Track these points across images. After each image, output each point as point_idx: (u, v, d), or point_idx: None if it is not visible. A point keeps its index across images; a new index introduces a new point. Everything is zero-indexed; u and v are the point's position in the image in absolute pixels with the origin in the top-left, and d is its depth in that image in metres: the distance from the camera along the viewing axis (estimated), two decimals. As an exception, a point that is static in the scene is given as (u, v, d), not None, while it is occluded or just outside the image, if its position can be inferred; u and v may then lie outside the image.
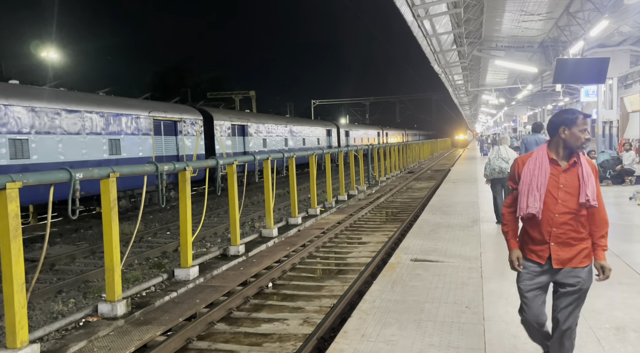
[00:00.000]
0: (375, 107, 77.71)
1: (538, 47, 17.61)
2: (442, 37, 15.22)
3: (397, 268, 6.30)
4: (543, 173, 2.92)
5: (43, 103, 11.74)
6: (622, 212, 9.86)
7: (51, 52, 34.47)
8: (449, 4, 11.92)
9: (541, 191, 2.89)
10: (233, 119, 21.10)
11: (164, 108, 16.47)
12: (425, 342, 3.86)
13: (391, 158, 26.29)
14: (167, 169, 7.12)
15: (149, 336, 5.49)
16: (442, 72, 21.34)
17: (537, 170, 2.93)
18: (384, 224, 12.29)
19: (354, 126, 45.41)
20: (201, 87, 58.63)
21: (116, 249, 6.03)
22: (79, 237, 11.58)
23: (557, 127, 2.97)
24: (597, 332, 4.03)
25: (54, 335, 5.41)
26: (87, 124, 12.89)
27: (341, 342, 3.96)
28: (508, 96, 32.51)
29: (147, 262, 8.92)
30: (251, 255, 9.04)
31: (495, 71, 25.03)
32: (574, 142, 2.91)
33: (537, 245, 2.97)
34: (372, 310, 4.69)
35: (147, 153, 15.08)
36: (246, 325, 5.94)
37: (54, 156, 11.86)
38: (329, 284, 7.41)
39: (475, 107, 54.30)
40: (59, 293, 7.17)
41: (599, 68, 11.75)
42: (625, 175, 14.11)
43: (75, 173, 5.42)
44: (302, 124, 30.33)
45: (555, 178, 2.91)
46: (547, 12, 13.15)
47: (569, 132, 2.91)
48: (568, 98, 30.35)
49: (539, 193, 2.90)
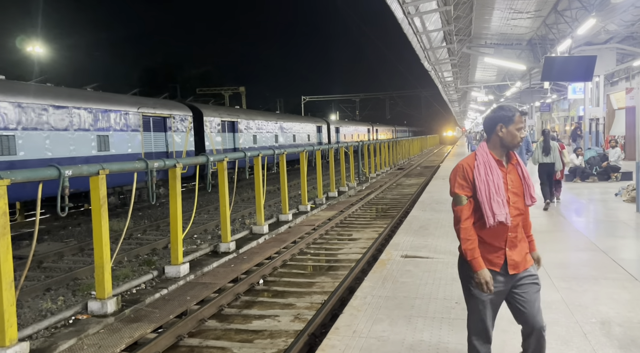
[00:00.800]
0: (365, 104, 77.85)
1: (526, 44, 17.75)
2: (432, 34, 15.29)
3: (387, 264, 6.35)
4: (496, 175, 2.76)
5: (30, 99, 11.60)
6: (608, 208, 10.00)
7: (37, 46, 34.00)
8: (439, 2, 11.98)
9: (502, 195, 2.73)
10: (223, 115, 21.01)
11: (153, 104, 16.36)
12: (416, 337, 3.90)
13: (381, 155, 26.38)
14: (157, 166, 7.09)
15: (139, 333, 5.48)
16: (432, 69, 21.43)
17: (490, 174, 2.76)
18: (374, 220, 12.35)
19: (344, 122, 45.45)
20: (190, 83, 58.26)
21: (106, 246, 6.00)
22: (67, 234, 11.49)
23: (494, 125, 2.84)
24: (584, 326, 4.09)
25: (43, 333, 5.38)
26: (75, 120, 12.76)
27: (333, 338, 3.99)
28: (497, 93, 32.75)
29: (136, 259, 8.88)
30: (242, 252, 9.04)
31: (485, 68, 25.19)
32: (510, 140, 2.80)
33: (492, 252, 2.80)
34: (363, 306, 4.73)
35: (136, 149, 14.97)
36: (237, 321, 5.95)
37: (42, 152, 11.74)
38: (320, 280, 7.44)
39: (464, 104, 54.60)
40: (48, 290, 7.12)
41: (586, 66, 11.89)
42: (611, 172, 14.29)
43: (65, 170, 5.38)
44: (293, 120, 30.30)
45: (504, 180, 2.79)
46: (535, 10, 13.26)
47: (506, 130, 2.79)
48: (555, 95, 30.64)
49: (500, 198, 2.72)
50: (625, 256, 6.32)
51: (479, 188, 2.74)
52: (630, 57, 17.90)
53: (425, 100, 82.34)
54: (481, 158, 2.80)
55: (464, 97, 44.65)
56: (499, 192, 2.73)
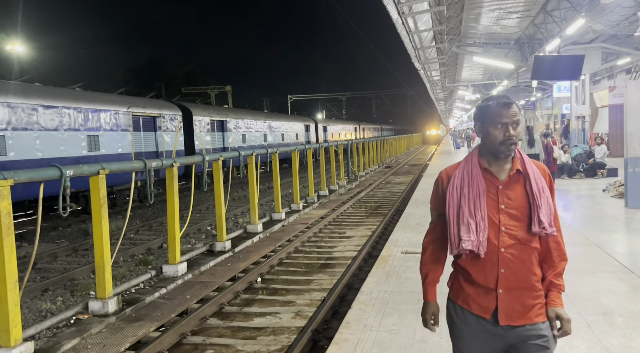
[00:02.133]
0: (352, 103, 78.11)
1: (514, 44, 18.01)
2: (423, 34, 15.45)
3: (389, 260, 6.43)
4: (475, 189, 2.05)
5: (19, 99, 11.45)
6: (597, 204, 10.22)
7: (17, 45, 33.40)
8: (431, 2, 12.12)
9: (477, 216, 2.03)
10: (212, 114, 20.94)
11: (142, 104, 16.24)
12: (427, 330, 3.95)
13: (369, 153, 26.52)
14: (155, 165, 7.08)
15: (142, 332, 5.47)
16: (422, 68, 21.63)
17: (467, 187, 2.07)
18: (367, 218, 12.43)
19: (332, 121, 45.57)
20: (176, 82, 57.78)
21: (106, 246, 5.97)
22: (58, 235, 11.36)
23: (475, 125, 2.16)
24: (587, 317, 4.21)
25: (45, 333, 5.34)
26: (65, 120, 12.62)
27: (345, 332, 4.04)
28: (483, 92, 33.13)
29: (132, 259, 8.84)
30: (237, 251, 9.05)
31: (472, 67, 25.48)
32: (490, 143, 2.06)
33: (480, 292, 2.07)
34: (370, 301, 4.79)
35: (126, 149, 14.85)
36: (239, 319, 5.97)
37: (32, 152, 11.59)
38: (318, 278, 7.49)
39: (450, 103, 55.10)
40: (45, 291, 7.06)
41: (574, 65, 12.13)
42: (597, 168, 14.59)
43: (66, 170, 5.35)
44: (281, 119, 30.29)
45: (492, 195, 2.06)
46: (524, 9, 13.48)
47: (484, 129, 2.09)
48: (540, 93, 31.09)
49: (474, 219, 2.03)
50: (619, 250, 6.48)
51: (447, 203, 2.10)
52: (614, 56, 18.28)
53: (411, 98, 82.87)
54: (464, 165, 2.13)
55: (450, 95, 45.08)
56: (474, 210, 2.03)
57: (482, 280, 2.06)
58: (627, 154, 9.37)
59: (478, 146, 2.17)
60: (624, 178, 9.68)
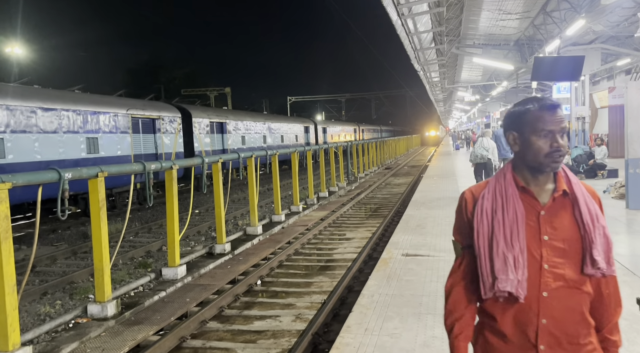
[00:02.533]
0: (351, 104, 78.10)
1: (513, 45, 18.01)
2: (422, 35, 15.45)
3: (389, 263, 6.39)
4: (512, 212, 1.60)
5: (18, 101, 11.41)
6: (598, 205, 10.19)
7: (16, 47, 33.38)
8: (431, 3, 12.13)
9: (515, 248, 1.57)
10: (211, 116, 20.91)
11: (142, 106, 16.22)
12: (428, 334, 3.94)
13: (369, 155, 26.51)
14: (154, 167, 7.05)
15: (142, 336, 5.44)
16: (421, 69, 21.63)
17: (501, 211, 1.62)
18: (367, 220, 12.40)
19: (331, 122, 45.57)
20: (174, 83, 57.74)
21: (105, 249, 5.94)
22: (57, 238, 11.32)
23: (508, 135, 1.71)
24: (589, 320, 4.17)
25: (44, 337, 5.31)
26: (64, 123, 12.59)
27: (346, 336, 4.01)
28: (483, 93, 33.15)
29: (131, 262, 8.80)
30: (237, 253, 9.02)
31: (471, 68, 25.49)
32: (532, 157, 1.62)
33: (514, 350, 1.61)
34: (371, 305, 4.76)
35: (125, 151, 14.82)
36: (239, 322, 5.94)
37: (30, 155, 11.55)
38: (318, 280, 7.46)
39: (449, 104, 55.14)
40: (44, 294, 7.02)
41: (574, 66, 12.13)
42: (598, 169, 14.57)
43: (65, 173, 5.32)
44: (281, 121, 30.27)
45: (532, 223, 1.61)
46: (524, 11, 13.49)
47: (521, 139, 1.64)
48: (540, 95, 31.07)
49: (511, 252, 1.57)
50: (621, 252, 6.45)
51: (476, 231, 1.64)
52: (613, 57, 18.28)
53: (410, 100, 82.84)
54: (495, 183, 1.68)
55: (449, 96, 45.11)
56: (512, 240, 1.58)
57: (518, 333, 1.59)
58: (628, 156, 9.35)
59: (511, 161, 1.73)
60: (625, 179, 9.65)
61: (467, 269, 1.71)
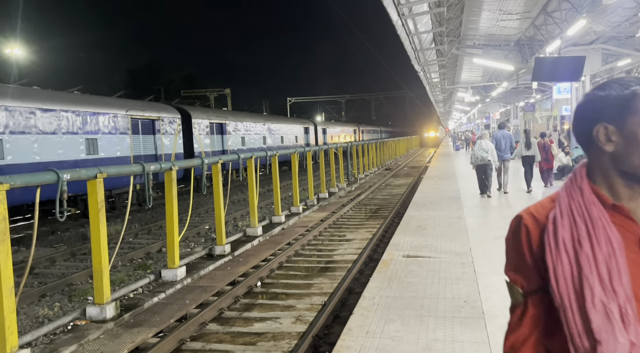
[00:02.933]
0: (351, 105, 78.09)
1: (514, 45, 17.97)
2: (422, 35, 15.42)
3: (390, 264, 6.35)
4: (605, 243, 1.09)
5: (17, 102, 11.37)
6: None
7: (15, 48, 33.35)
8: (431, 4, 12.11)
9: (620, 294, 1.06)
10: (211, 117, 20.88)
11: (141, 107, 16.18)
12: (430, 336, 3.90)
13: (369, 156, 26.48)
14: (153, 169, 7.01)
15: (140, 338, 5.39)
16: (422, 70, 21.60)
17: (588, 241, 1.09)
18: (367, 221, 12.36)
19: (331, 123, 45.55)
20: (174, 85, 57.75)
21: (104, 251, 5.90)
22: (56, 239, 11.28)
23: (590, 128, 1.16)
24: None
25: (42, 339, 5.27)
26: (64, 124, 12.55)
27: (347, 339, 3.97)
28: (483, 93, 33.11)
29: (131, 263, 8.76)
30: (237, 254, 8.97)
31: (471, 69, 25.44)
32: (632, 160, 1.10)
33: None
34: (372, 307, 4.72)
35: (125, 152, 14.78)
36: (238, 324, 5.90)
37: (30, 156, 11.51)
38: (318, 282, 7.42)
39: (449, 105, 55.12)
40: (43, 297, 6.98)
41: (575, 66, 12.09)
42: (599, 170, 14.58)
43: (63, 174, 5.28)
44: (280, 122, 30.24)
45: (635, 255, 1.11)
46: (524, 11, 13.45)
47: (623, 135, 1.11)
48: (540, 95, 31.06)
49: (615, 300, 1.06)
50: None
51: (552, 272, 1.11)
52: (614, 58, 18.23)
53: (410, 101, 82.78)
54: (568, 200, 1.16)
55: (449, 97, 45.09)
56: (612, 283, 1.07)
57: None
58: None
59: (584, 166, 1.20)
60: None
61: (534, 322, 1.18)
